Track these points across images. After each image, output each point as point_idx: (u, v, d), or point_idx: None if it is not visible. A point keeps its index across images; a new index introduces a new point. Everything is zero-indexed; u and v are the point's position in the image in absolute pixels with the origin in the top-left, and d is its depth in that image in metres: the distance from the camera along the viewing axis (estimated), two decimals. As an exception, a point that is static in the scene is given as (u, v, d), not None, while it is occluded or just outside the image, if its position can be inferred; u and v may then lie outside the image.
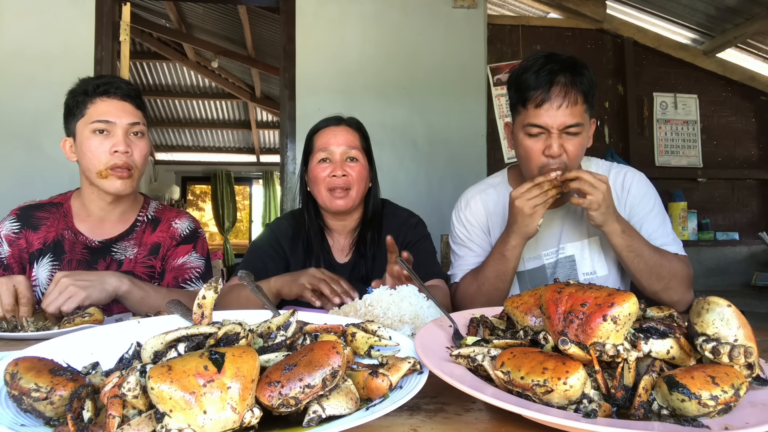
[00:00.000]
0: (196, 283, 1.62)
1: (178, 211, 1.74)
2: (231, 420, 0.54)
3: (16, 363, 0.64)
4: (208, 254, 1.71)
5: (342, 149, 1.62)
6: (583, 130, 1.45)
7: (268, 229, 1.78)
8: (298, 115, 3.47)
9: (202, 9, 5.78)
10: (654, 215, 1.59)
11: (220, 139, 9.81)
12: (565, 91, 1.41)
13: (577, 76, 1.43)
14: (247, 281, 1.12)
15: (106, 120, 1.50)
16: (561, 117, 1.41)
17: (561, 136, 1.43)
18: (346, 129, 1.67)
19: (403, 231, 1.73)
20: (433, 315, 1.07)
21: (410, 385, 0.66)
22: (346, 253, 1.74)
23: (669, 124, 4.28)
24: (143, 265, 1.61)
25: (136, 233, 1.63)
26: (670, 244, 1.55)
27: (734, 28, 3.86)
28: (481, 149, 3.70)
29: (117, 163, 1.49)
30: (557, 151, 1.43)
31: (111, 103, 1.52)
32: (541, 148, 1.45)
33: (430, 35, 3.64)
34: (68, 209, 1.62)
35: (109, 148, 1.49)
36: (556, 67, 1.43)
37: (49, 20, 3.25)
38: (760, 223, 4.33)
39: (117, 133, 1.50)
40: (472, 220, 1.72)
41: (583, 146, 1.48)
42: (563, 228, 1.65)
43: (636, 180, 1.63)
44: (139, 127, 1.55)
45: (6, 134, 3.19)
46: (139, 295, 1.37)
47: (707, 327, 0.66)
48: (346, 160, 1.62)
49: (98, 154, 1.49)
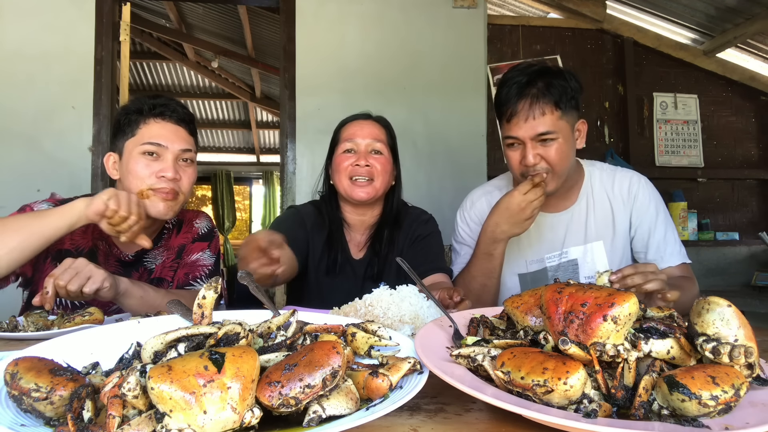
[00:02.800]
0: (205, 281, 1.62)
1: (194, 211, 1.74)
2: (231, 420, 0.54)
3: (16, 363, 0.64)
4: (218, 253, 1.71)
5: (367, 141, 1.65)
6: (559, 137, 1.48)
7: (291, 209, 1.79)
8: (298, 115, 3.47)
9: (202, 9, 5.78)
10: (660, 223, 1.62)
11: (220, 139, 9.81)
12: (530, 103, 1.46)
13: (548, 85, 1.47)
14: (247, 281, 1.12)
15: (158, 143, 1.45)
16: (530, 128, 1.47)
17: (536, 145, 1.48)
18: (373, 123, 1.71)
19: (414, 226, 1.75)
20: (433, 315, 1.07)
21: (410, 385, 0.66)
22: (361, 249, 1.74)
23: (669, 124, 4.28)
24: (171, 269, 1.60)
25: (164, 240, 1.63)
26: (675, 253, 1.60)
27: (734, 28, 3.86)
28: (481, 149, 3.69)
29: (162, 187, 1.45)
30: (532, 161, 1.48)
31: (165, 126, 1.47)
32: (519, 158, 1.51)
33: (430, 35, 3.64)
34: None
35: (156, 171, 1.44)
36: (524, 80, 1.48)
37: (49, 20, 3.25)
38: (760, 223, 4.33)
39: (167, 158, 1.46)
40: (476, 220, 1.74)
41: (563, 151, 1.50)
42: (567, 231, 1.66)
43: (642, 186, 1.65)
44: (189, 154, 1.51)
45: (6, 134, 3.18)
46: (138, 294, 1.37)
47: (707, 327, 0.66)
48: (371, 152, 1.65)
49: (143, 176, 1.44)
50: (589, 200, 1.66)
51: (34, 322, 1.21)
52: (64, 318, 1.20)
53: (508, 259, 1.65)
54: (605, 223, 1.65)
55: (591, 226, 1.65)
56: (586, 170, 1.69)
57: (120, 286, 1.32)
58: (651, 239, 1.61)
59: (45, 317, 1.26)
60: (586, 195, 1.66)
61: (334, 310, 1.19)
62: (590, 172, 1.69)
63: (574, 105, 1.51)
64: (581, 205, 1.66)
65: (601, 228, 1.65)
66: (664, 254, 1.60)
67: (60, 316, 1.24)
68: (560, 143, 1.48)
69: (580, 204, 1.66)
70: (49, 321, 1.23)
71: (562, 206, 1.67)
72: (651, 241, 1.61)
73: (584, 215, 1.65)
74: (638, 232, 1.64)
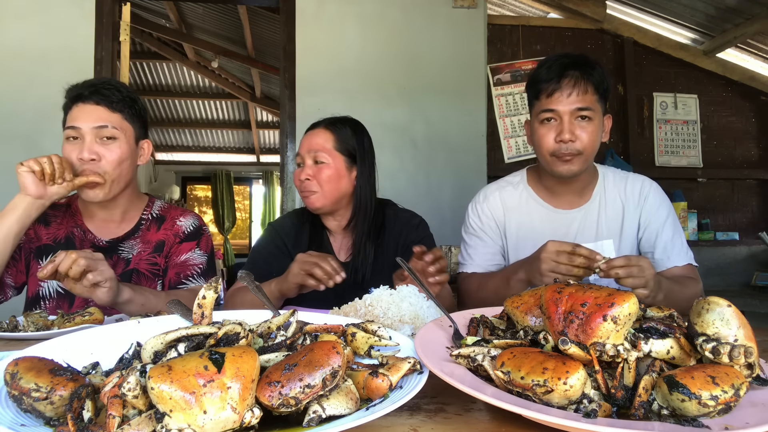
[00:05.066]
0: (198, 279, 1.62)
1: (183, 209, 1.74)
2: (231, 420, 0.54)
3: (16, 363, 0.64)
4: (212, 251, 1.71)
5: (312, 153, 1.66)
6: (595, 118, 1.54)
7: (270, 228, 1.79)
8: (298, 115, 3.47)
9: (202, 9, 5.78)
10: (668, 225, 1.66)
11: (220, 139, 9.81)
12: (574, 81, 1.52)
13: (588, 69, 1.54)
14: (247, 281, 1.12)
15: (73, 126, 1.47)
16: (572, 102, 1.52)
17: (572, 122, 1.52)
18: (320, 132, 1.69)
19: (405, 231, 1.75)
20: (433, 315, 1.07)
21: (410, 385, 0.66)
22: (346, 252, 1.75)
23: (669, 124, 4.28)
24: (147, 262, 1.61)
25: (141, 231, 1.63)
26: (682, 254, 1.63)
27: (734, 28, 3.86)
28: (481, 149, 3.69)
29: (83, 170, 1.46)
30: (568, 137, 1.51)
31: (83, 109, 1.48)
32: (554, 134, 1.55)
33: (430, 35, 3.64)
34: (76, 209, 1.62)
35: (77, 155, 1.46)
36: (567, 61, 1.55)
37: (49, 20, 3.25)
38: (760, 223, 4.33)
39: (87, 138, 1.46)
40: (488, 213, 1.76)
41: (595, 135, 1.55)
42: (579, 228, 1.69)
43: (653, 190, 1.70)
44: (108, 130, 1.48)
45: (6, 134, 3.18)
46: (140, 302, 1.37)
47: (707, 327, 0.66)
48: (314, 163, 1.66)
49: (72, 162, 1.46)
50: (602, 199, 1.70)
51: (34, 322, 1.21)
52: (64, 318, 1.21)
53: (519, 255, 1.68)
54: (616, 223, 1.69)
55: (603, 224, 1.68)
56: (600, 172, 1.74)
57: (123, 295, 1.32)
58: (658, 240, 1.64)
59: (45, 317, 1.26)
60: (600, 194, 1.70)
61: (334, 310, 1.19)
62: (604, 173, 1.74)
63: (606, 97, 1.58)
64: (594, 203, 1.70)
65: (612, 227, 1.69)
66: (670, 255, 1.63)
67: (60, 316, 1.24)
68: (595, 125, 1.54)
69: (594, 202, 1.70)
70: (49, 321, 1.23)
71: (576, 203, 1.70)
72: (658, 241, 1.64)
73: (596, 214, 1.69)
74: (646, 232, 1.67)
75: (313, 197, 1.65)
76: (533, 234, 1.68)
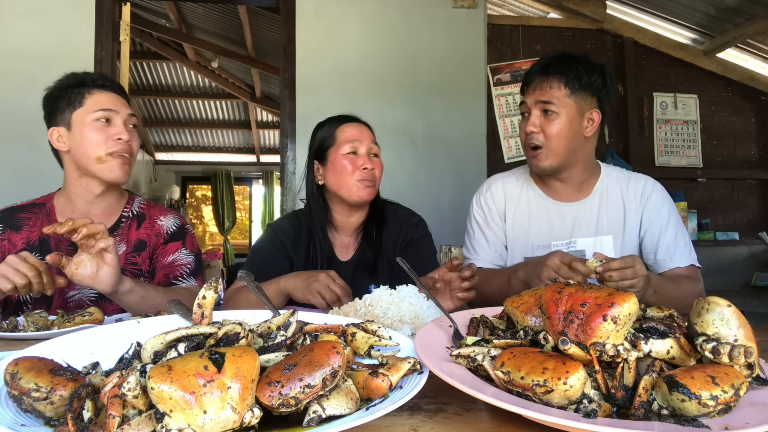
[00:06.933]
0: (187, 279, 1.62)
1: (162, 208, 1.73)
2: (231, 420, 0.54)
3: (16, 363, 0.64)
4: (198, 250, 1.71)
5: (368, 144, 1.69)
6: (562, 113, 1.57)
7: (269, 229, 1.78)
8: (298, 115, 3.47)
9: (202, 9, 5.78)
10: (671, 225, 1.66)
11: (220, 139, 9.81)
12: (540, 77, 1.60)
13: (564, 66, 1.58)
14: (246, 281, 1.12)
15: (109, 109, 1.54)
16: (536, 96, 1.60)
17: (539, 114, 1.60)
18: (366, 127, 1.76)
19: (404, 229, 1.76)
20: (433, 315, 1.07)
21: (410, 385, 0.66)
22: (349, 251, 1.74)
23: (669, 124, 4.28)
24: (127, 262, 1.60)
25: (121, 229, 1.62)
26: (684, 255, 1.64)
27: (734, 28, 3.86)
28: (481, 149, 3.69)
29: (118, 150, 1.53)
30: (531, 128, 1.60)
31: (110, 96, 1.57)
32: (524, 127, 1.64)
33: (430, 35, 3.64)
34: (51, 208, 1.61)
35: (112, 135, 1.53)
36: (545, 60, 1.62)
37: (49, 20, 3.25)
38: (760, 223, 4.33)
39: (118, 122, 1.55)
40: (491, 204, 1.80)
41: (562, 129, 1.58)
42: (576, 222, 1.70)
43: (656, 190, 1.71)
44: (134, 119, 1.60)
45: (6, 134, 3.18)
46: (140, 293, 1.37)
47: (707, 327, 0.66)
48: (371, 156, 1.69)
49: (99, 142, 1.51)
50: (603, 196, 1.71)
51: (34, 322, 1.21)
52: (64, 318, 1.21)
53: (516, 242, 1.75)
54: (617, 220, 1.69)
55: (603, 220, 1.69)
56: (604, 170, 1.75)
57: (125, 284, 1.33)
58: (661, 240, 1.65)
59: (45, 317, 1.26)
60: (601, 190, 1.72)
61: (333, 309, 1.19)
62: (607, 171, 1.75)
63: (588, 92, 1.60)
64: (594, 199, 1.71)
65: (612, 223, 1.69)
66: (673, 255, 1.63)
67: (60, 316, 1.24)
68: (561, 120, 1.58)
69: (593, 198, 1.71)
70: (49, 321, 1.24)
71: (574, 197, 1.71)
72: (661, 242, 1.65)
73: (596, 209, 1.70)
74: (648, 232, 1.68)
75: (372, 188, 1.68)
76: (530, 222, 1.73)
